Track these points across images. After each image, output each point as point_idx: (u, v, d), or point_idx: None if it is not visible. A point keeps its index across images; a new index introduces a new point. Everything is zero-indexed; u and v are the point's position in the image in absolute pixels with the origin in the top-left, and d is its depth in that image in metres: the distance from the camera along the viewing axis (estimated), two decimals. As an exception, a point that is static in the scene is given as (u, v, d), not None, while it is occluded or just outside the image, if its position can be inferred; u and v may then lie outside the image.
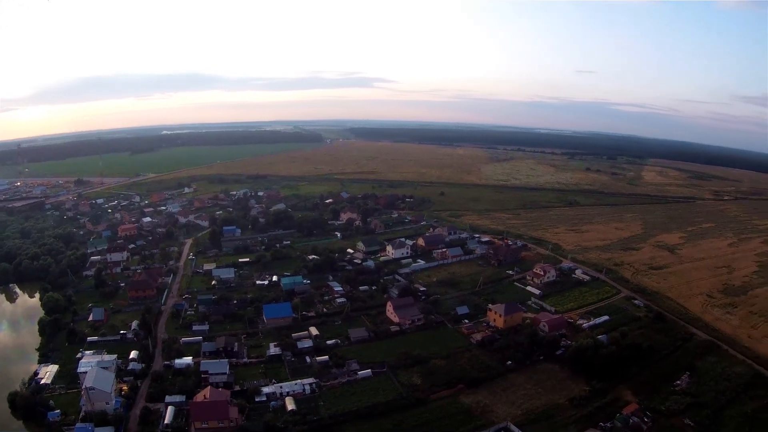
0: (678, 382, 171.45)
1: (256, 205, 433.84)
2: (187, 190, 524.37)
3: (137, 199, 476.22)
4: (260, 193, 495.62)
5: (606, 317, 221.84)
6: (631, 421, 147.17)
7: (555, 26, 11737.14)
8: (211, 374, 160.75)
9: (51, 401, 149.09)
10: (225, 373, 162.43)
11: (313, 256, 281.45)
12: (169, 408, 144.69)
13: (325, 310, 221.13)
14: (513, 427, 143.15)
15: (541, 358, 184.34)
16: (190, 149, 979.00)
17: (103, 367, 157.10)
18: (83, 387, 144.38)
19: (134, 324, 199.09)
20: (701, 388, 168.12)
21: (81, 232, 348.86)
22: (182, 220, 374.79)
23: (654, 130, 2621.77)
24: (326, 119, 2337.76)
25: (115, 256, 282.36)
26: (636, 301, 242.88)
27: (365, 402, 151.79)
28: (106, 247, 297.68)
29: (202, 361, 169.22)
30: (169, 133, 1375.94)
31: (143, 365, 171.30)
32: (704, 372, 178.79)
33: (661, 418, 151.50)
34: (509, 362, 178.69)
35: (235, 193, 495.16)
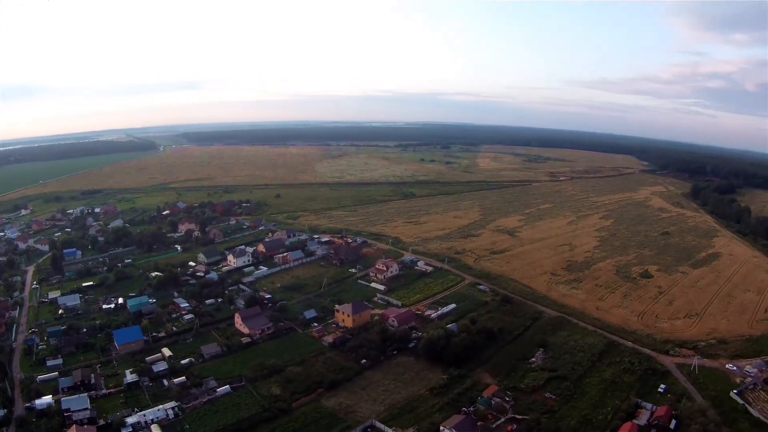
0: (533, 359, 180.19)
1: (94, 223, 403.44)
2: (23, 212, 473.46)
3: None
4: (97, 210, 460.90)
5: (453, 305, 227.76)
6: (493, 402, 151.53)
7: (384, 20, 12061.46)
8: (74, 411, 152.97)
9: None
10: (87, 408, 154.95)
11: (156, 273, 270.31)
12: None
13: (174, 328, 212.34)
14: (378, 424, 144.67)
15: (395, 352, 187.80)
16: (23, 166, 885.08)
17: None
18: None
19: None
20: (557, 362, 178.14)
21: None
22: (22, 245, 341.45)
23: (488, 118, 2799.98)
24: (158, 125, 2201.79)
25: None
26: (481, 287, 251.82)
27: (230, 419, 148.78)
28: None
29: (62, 399, 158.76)
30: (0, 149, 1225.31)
31: (5, 410, 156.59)
32: (558, 347, 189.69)
33: (522, 396, 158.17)
34: (364, 360, 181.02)
35: (71, 211, 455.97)
